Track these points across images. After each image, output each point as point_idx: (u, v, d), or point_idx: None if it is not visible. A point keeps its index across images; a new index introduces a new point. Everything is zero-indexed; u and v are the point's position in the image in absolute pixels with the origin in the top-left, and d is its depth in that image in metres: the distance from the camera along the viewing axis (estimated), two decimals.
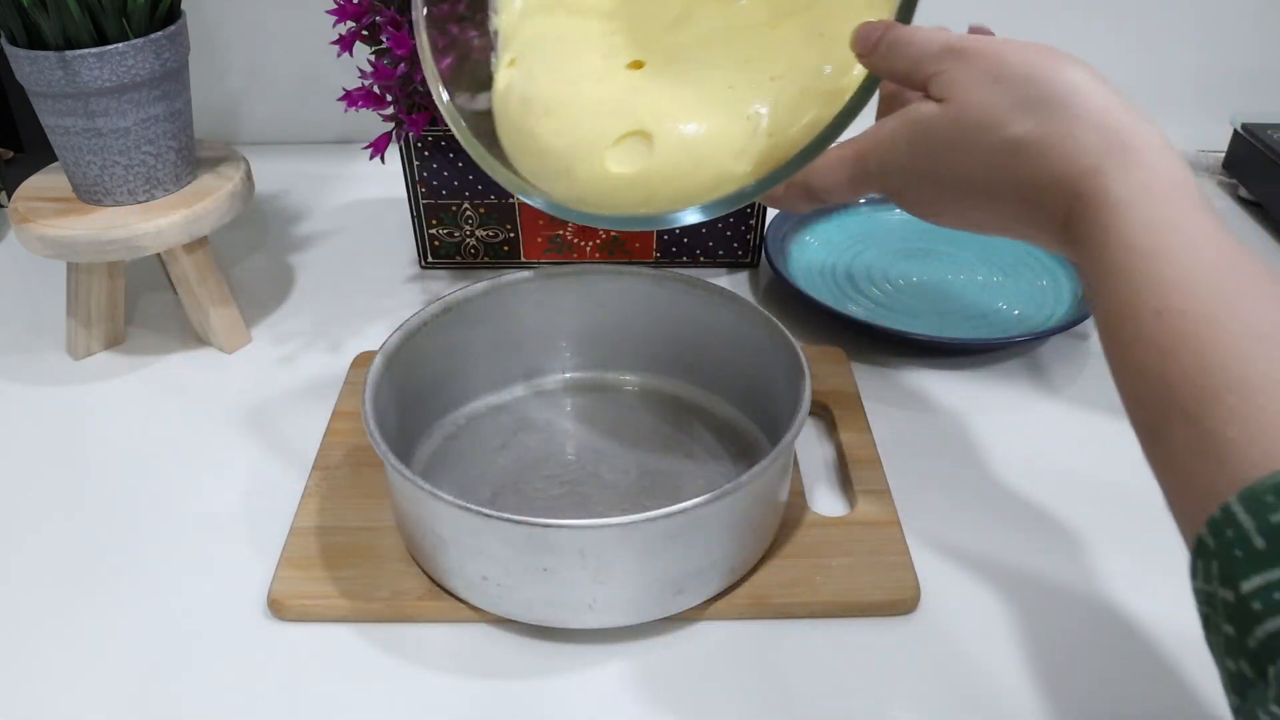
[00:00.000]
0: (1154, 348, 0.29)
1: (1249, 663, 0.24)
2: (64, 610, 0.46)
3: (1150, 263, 0.30)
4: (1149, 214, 0.31)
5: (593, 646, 0.44)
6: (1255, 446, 0.25)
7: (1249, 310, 0.28)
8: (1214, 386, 0.27)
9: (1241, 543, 0.25)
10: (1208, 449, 0.27)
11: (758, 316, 0.53)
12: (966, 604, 0.46)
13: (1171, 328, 0.29)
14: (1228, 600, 0.25)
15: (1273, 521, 0.24)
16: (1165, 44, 0.88)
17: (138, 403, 0.60)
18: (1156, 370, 0.29)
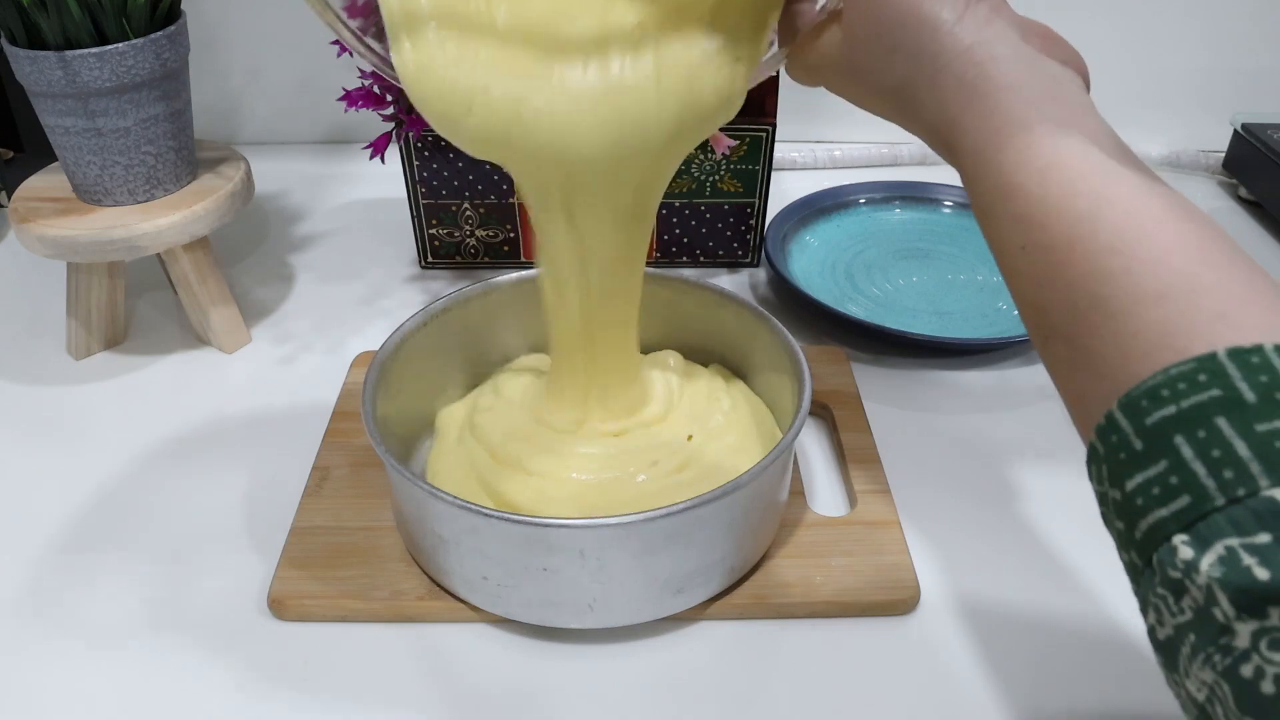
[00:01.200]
0: (1026, 279, 0.32)
1: (1138, 553, 0.27)
2: (64, 610, 0.46)
3: (1007, 202, 0.32)
4: (1002, 158, 0.32)
5: (593, 646, 0.44)
6: (1126, 358, 0.27)
7: (1102, 229, 0.29)
8: (1081, 307, 0.29)
9: (1124, 446, 0.27)
10: (1086, 363, 0.29)
11: (758, 316, 0.53)
12: (966, 604, 0.46)
13: (1036, 259, 0.31)
14: (1116, 499, 0.27)
15: (1147, 424, 0.26)
16: (1165, 44, 0.88)
17: (138, 403, 0.60)
18: (1033, 297, 0.31)
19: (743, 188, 0.69)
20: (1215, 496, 0.24)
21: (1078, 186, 0.30)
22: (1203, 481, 0.25)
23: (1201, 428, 0.25)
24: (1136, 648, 0.44)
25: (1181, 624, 0.25)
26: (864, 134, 0.91)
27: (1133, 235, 0.29)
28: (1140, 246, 0.29)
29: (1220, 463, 0.24)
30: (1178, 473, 0.25)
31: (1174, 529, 0.25)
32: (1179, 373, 0.26)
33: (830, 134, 0.91)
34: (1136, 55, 0.88)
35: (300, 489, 0.52)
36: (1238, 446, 0.24)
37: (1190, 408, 0.25)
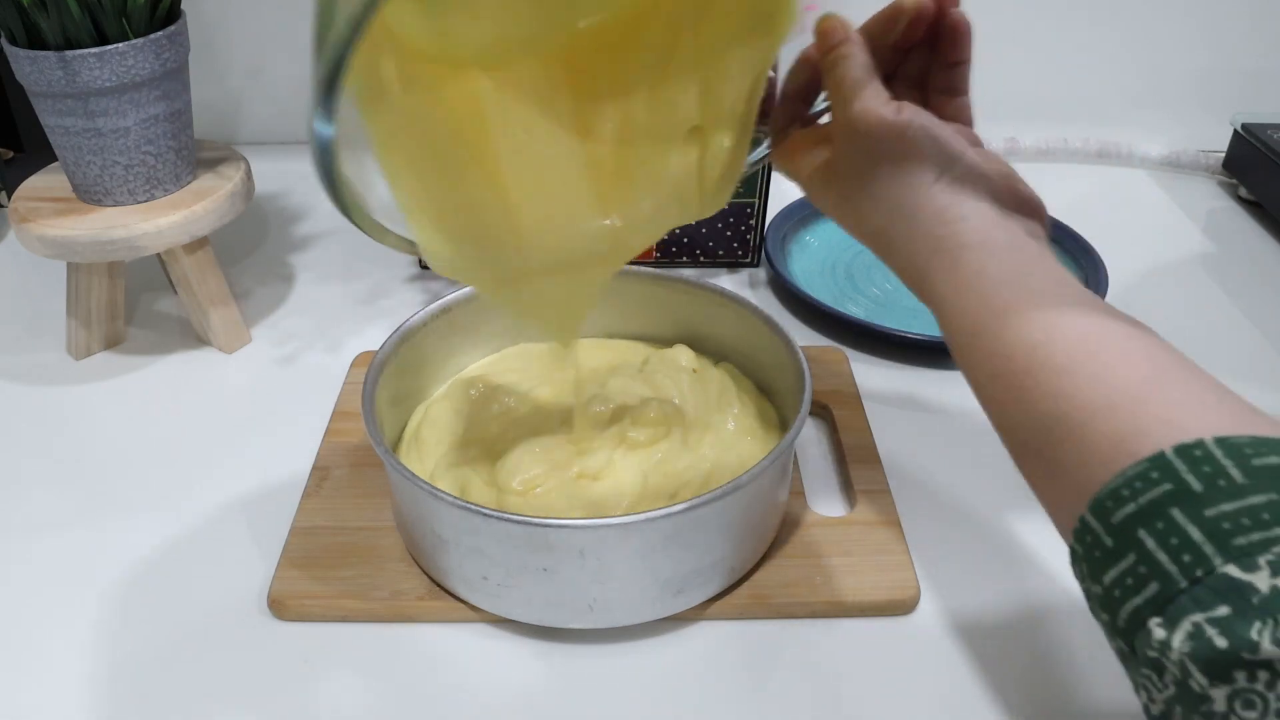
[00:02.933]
0: (997, 404, 0.35)
1: (1123, 640, 0.29)
2: (64, 610, 0.46)
3: (975, 341, 0.36)
4: (966, 304, 0.37)
5: (593, 646, 0.44)
6: (1088, 465, 0.30)
7: (1055, 353, 0.33)
8: (1045, 424, 0.33)
9: (1098, 544, 0.30)
10: (1055, 473, 0.32)
11: (758, 316, 0.53)
12: (966, 604, 0.46)
13: (1002, 386, 0.35)
14: (1098, 593, 0.30)
15: (1114, 523, 0.29)
16: (1165, 44, 0.88)
17: (138, 403, 0.60)
18: (1005, 420, 0.35)
19: (743, 188, 0.69)
20: (1179, 580, 0.27)
21: (1032, 321, 0.34)
22: (1166, 568, 0.27)
23: (1159, 519, 0.28)
24: None
25: (1169, 698, 0.27)
26: None
27: (1082, 356, 0.33)
28: (1089, 365, 0.32)
29: (1179, 549, 0.27)
30: (1145, 563, 0.28)
31: (1148, 614, 0.27)
32: (1135, 473, 0.29)
33: None
34: (1136, 55, 0.88)
35: (300, 489, 0.52)
36: (1191, 532, 0.27)
37: (1147, 503, 0.28)
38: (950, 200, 0.38)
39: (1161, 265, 0.75)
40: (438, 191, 0.39)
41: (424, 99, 0.37)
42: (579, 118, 0.40)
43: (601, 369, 0.56)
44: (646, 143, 0.41)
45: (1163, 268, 0.75)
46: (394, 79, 0.36)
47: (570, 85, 0.39)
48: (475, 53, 0.37)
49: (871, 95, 0.38)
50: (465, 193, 0.39)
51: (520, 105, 0.38)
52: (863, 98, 0.38)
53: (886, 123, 0.38)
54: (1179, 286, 0.73)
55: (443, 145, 0.38)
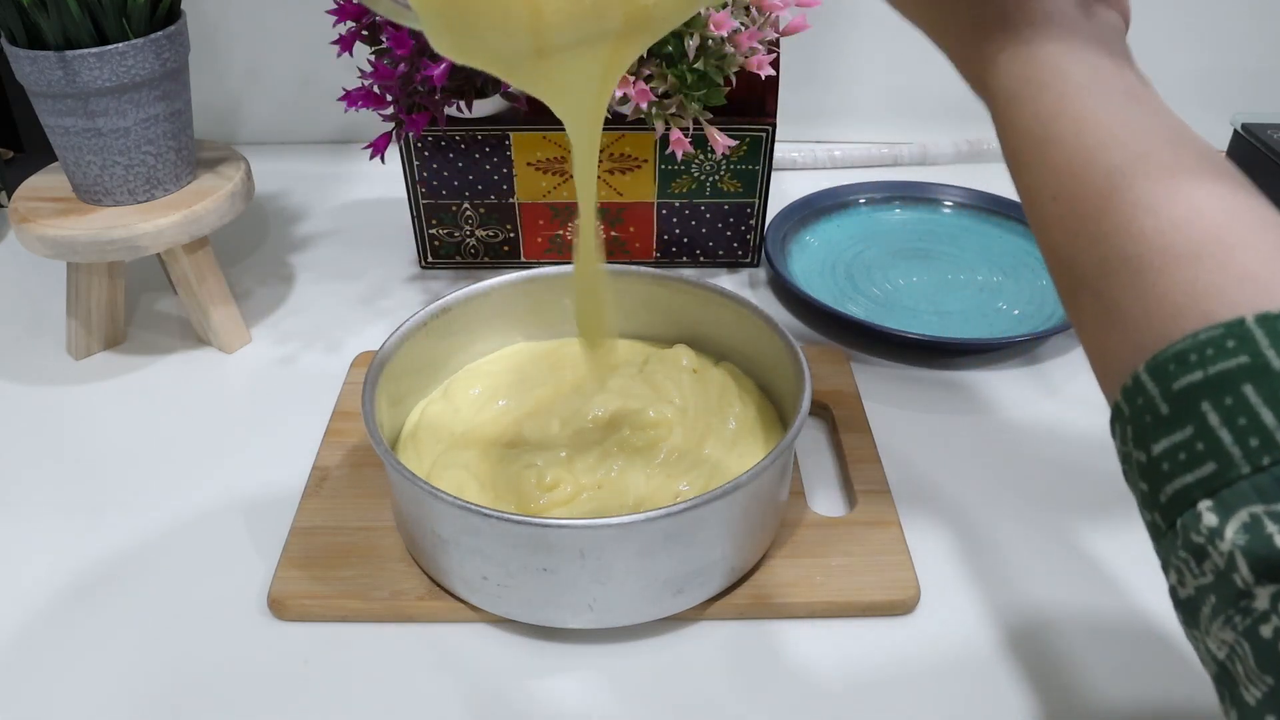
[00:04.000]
0: (1055, 229, 0.31)
1: (1161, 515, 0.27)
2: (64, 610, 0.46)
3: (1040, 150, 0.32)
4: (1038, 105, 0.32)
5: (593, 646, 0.44)
6: (1154, 319, 0.27)
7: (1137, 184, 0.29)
8: (1110, 264, 0.29)
9: (1150, 409, 0.27)
10: (1113, 320, 0.29)
11: (758, 316, 0.53)
12: (966, 604, 0.46)
13: (1067, 210, 0.31)
14: (1140, 461, 0.27)
15: (1174, 389, 0.26)
16: (1165, 44, 0.88)
17: (138, 403, 0.60)
18: (1062, 249, 0.31)
19: (743, 188, 0.69)
20: (1241, 464, 0.24)
21: (1114, 139, 0.30)
22: (1228, 449, 0.25)
23: (1228, 395, 0.25)
24: (1135, 646, 0.44)
25: (1202, 585, 0.25)
26: (864, 134, 0.91)
27: (1166, 193, 0.29)
28: (1174, 205, 0.28)
29: (1246, 430, 0.24)
30: (1204, 439, 0.25)
31: (1199, 495, 0.25)
32: (1207, 338, 0.26)
33: (830, 134, 0.91)
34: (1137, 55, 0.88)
35: (300, 489, 0.52)
36: (1264, 415, 0.24)
37: (1217, 374, 0.25)
38: (1036, 27, 0.33)
39: None
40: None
41: None
42: None
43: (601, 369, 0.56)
44: None
45: None
46: None
47: None
48: None
49: None
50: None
51: None
52: None
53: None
54: None
55: None
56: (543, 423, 0.51)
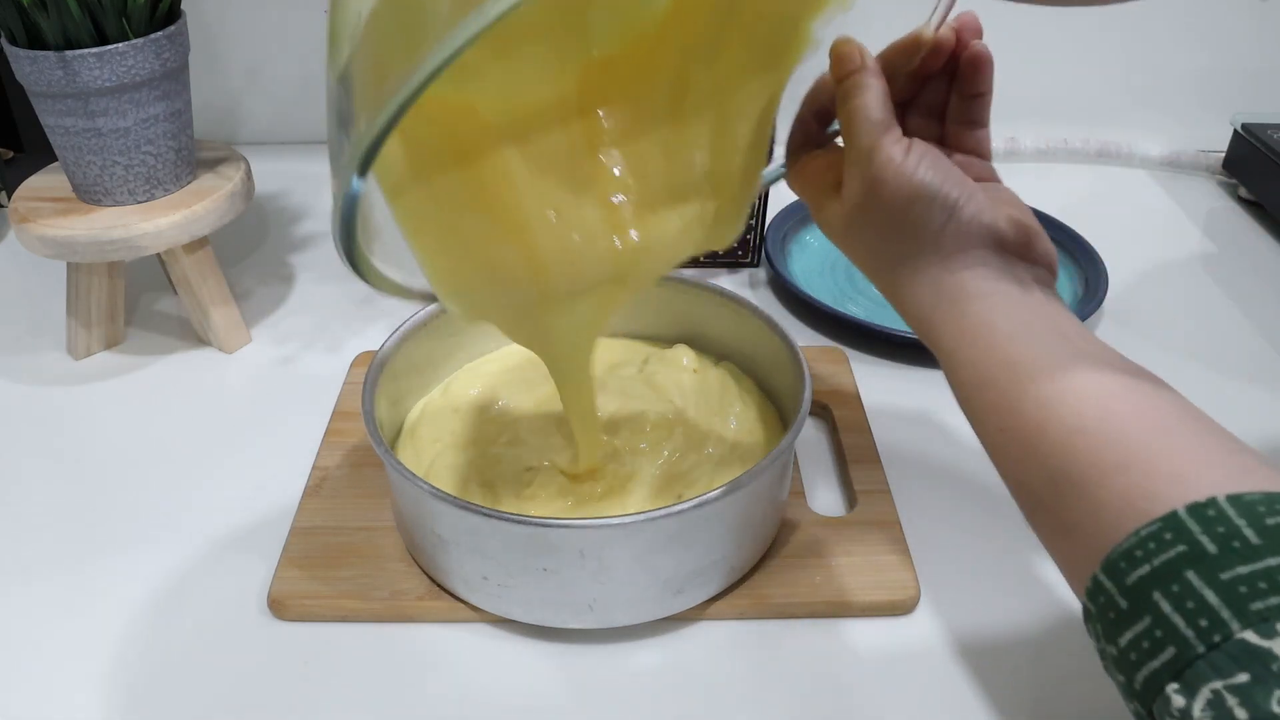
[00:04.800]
0: (1006, 458, 0.35)
1: (1140, 703, 0.28)
2: (64, 610, 0.46)
3: (982, 394, 0.36)
4: (974, 356, 0.36)
5: (593, 646, 0.44)
6: (1100, 525, 0.30)
7: (1066, 412, 0.33)
8: (1055, 481, 0.32)
9: (1111, 605, 0.29)
10: (1066, 530, 0.32)
11: (758, 316, 0.53)
12: (966, 604, 0.46)
13: (1011, 441, 0.34)
14: (1112, 654, 0.29)
15: (1128, 584, 0.28)
16: (1165, 44, 0.88)
17: (138, 403, 0.60)
18: (1014, 474, 0.35)
19: None
20: (1196, 645, 0.26)
21: (1042, 377, 0.34)
22: (1183, 632, 0.27)
23: (1174, 582, 0.27)
24: None
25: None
26: None
27: (1093, 415, 0.32)
28: (1102, 424, 0.32)
29: (1195, 613, 0.27)
30: (1160, 626, 0.27)
31: (1166, 679, 0.27)
32: (1148, 533, 0.28)
33: None
34: (1136, 55, 0.88)
35: (300, 489, 0.52)
36: (1207, 596, 0.26)
37: (1161, 565, 0.28)
38: (955, 248, 0.37)
39: (1161, 265, 0.75)
40: (450, 232, 0.39)
41: (432, 141, 0.37)
42: (591, 149, 0.39)
43: (601, 369, 0.56)
44: (661, 170, 0.40)
45: (1163, 268, 0.75)
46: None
47: (583, 118, 0.39)
48: (487, 93, 0.37)
49: (881, 132, 0.37)
50: (480, 231, 0.39)
51: (529, 140, 0.38)
52: (872, 135, 0.37)
53: (894, 164, 0.37)
54: (1179, 286, 0.73)
55: (453, 184, 0.38)
56: (542, 423, 0.51)
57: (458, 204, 0.38)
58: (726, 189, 0.42)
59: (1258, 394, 0.60)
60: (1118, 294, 0.69)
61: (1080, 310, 0.65)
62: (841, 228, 0.40)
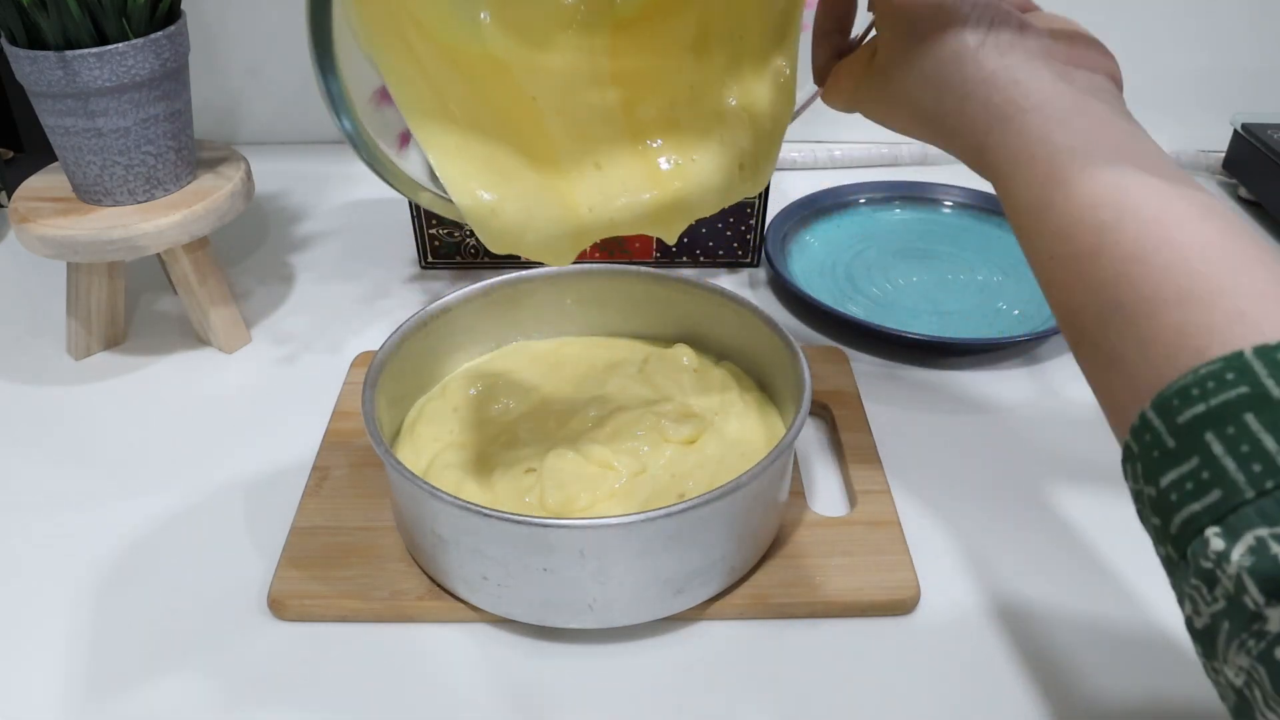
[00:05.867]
0: (1056, 286, 0.34)
1: (1173, 546, 0.28)
2: (63, 610, 0.46)
3: (1036, 217, 0.34)
4: (1028, 177, 0.34)
5: (593, 646, 0.44)
6: (1150, 361, 0.29)
7: (1124, 238, 0.31)
8: (1105, 314, 0.31)
9: (1157, 444, 0.28)
10: (1114, 365, 0.31)
11: (758, 316, 0.53)
12: (966, 604, 0.46)
13: (1064, 269, 0.33)
14: (1151, 495, 0.28)
15: (1179, 423, 0.27)
16: (1165, 44, 0.88)
17: (138, 403, 0.60)
18: (1063, 303, 0.33)
19: None
20: (1245, 490, 0.25)
21: (1101, 198, 0.32)
22: (1233, 476, 0.25)
23: (1230, 424, 0.26)
24: (1135, 645, 0.44)
25: (1217, 612, 0.26)
26: (864, 134, 0.90)
27: (1152, 242, 0.30)
28: (1160, 253, 0.30)
29: (1249, 457, 0.25)
30: (1209, 468, 0.26)
31: (1206, 522, 0.26)
32: (1208, 372, 0.27)
33: (830, 134, 0.91)
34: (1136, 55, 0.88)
35: (300, 489, 0.52)
36: (1265, 441, 0.25)
37: (1219, 405, 0.26)
38: (1000, 64, 0.36)
39: None
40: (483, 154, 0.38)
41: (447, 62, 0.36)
42: (618, 79, 0.39)
43: (601, 368, 0.56)
44: (691, 100, 0.40)
45: None
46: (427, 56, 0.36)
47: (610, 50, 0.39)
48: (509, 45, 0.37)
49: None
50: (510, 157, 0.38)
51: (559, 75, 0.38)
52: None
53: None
54: None
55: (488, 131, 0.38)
56: (541, 423, 0.51)
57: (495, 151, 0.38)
58: (757, 125, 0.41)
59: None
60: None
61: None
62: (886, 97, 0.39)
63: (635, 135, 0.41)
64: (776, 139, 0.43)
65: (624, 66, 0.40)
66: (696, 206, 0.43)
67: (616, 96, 0.40)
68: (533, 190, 0.39)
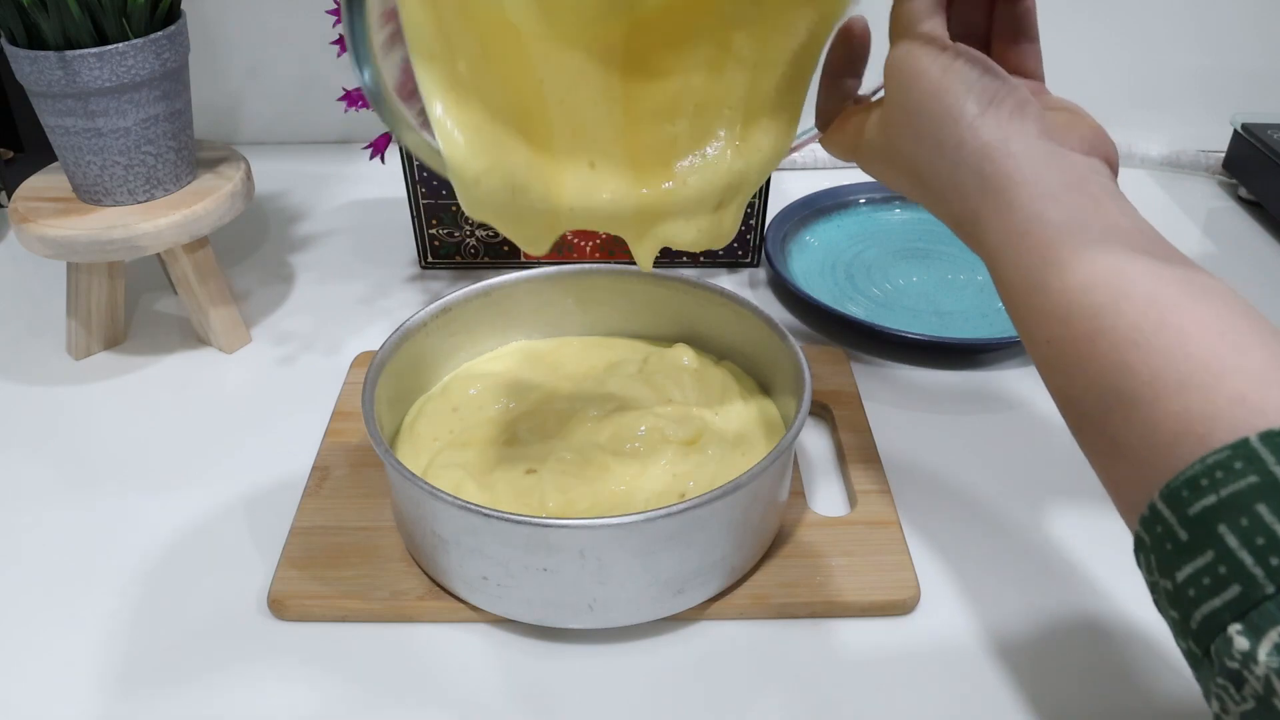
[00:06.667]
0: (1054, 371, 0.33)
1: (1194, 642, 0.27)
2: (64, 610, 0.46)
3: (1030, 298, 0.33)
4: (1021, 255, 0.34)
5: (593, 646, 0.44)
6: (1155, 449, 0.28)
7: (1121, 322, 0.30)
8: (1107, 398, 0.30)
9: (1170, 536, 0.27)
10: (1119, 453, 0.30)
11: (758, 316, 0.53)
12: (966, 604, 0.46)
13: (1061, 353, 0.32)
14: (1168, 589, 0.28)
15: (1190, 514, 0.26)
16: (1165, 44, 0.88)
17: (138, 403, 0.60)
18: (1062, 388, 0.33)
19: None
20: (1264, 584, 0.25)
21: (1095, 280, 0.31)
22: (1250, 570, 0.25)
23: (1243, 515, 0.25)
24: (1136, 646, 0.44)
25: (1247, 712, 0.25)
26: None
27: (1150, 326, 0.30)
28: (1158, 336, 0.29)
29: (1265, 550, 0.25)
30: (1225, 562, 0.25)
31: (1228, 619, 0.25)
32: (1215, 461, 0.26)
33: None
34: (1136, 55, 0.88)
35: (300, 489, 0.52)
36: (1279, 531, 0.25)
37: (1230, 496, 0.26)
38: (997, 135, 0.35)
39: None
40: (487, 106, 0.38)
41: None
42: (627, 83, 0.39)
43: (601, 368, 0.56)
44: (691, 119, 0.40)
45: None
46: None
47: (625, 52, 0.39)
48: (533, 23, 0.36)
49: (926, 16, 0.37)
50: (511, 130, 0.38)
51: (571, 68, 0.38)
52: (914, 22, 0.37)
53: (934, 47, 0.36)
54: None
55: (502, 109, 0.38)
56: (541, 423, 0.51)
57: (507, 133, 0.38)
58: (749, 161, 0.42)
59: None
60: None
61: None
62: (880, 148, 0.39)
63: (633, 146, 0.41)
64: (762, 178, 0.43)
65: (637, 73, 0.40)
66: (674, 237, 0.43)
67: (622, 101, 0.40)
68: (522, 166, 0.38)
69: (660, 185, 0.41)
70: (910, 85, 0.37)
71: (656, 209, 0.42)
